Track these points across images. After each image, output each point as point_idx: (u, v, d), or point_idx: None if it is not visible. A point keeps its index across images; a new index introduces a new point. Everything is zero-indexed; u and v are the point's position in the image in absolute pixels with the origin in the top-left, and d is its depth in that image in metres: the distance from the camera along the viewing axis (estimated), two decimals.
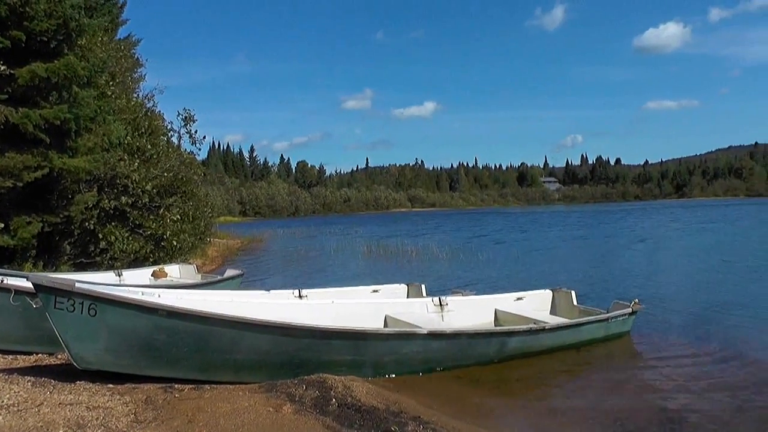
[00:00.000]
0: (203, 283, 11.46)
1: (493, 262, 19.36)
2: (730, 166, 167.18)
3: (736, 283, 13.04)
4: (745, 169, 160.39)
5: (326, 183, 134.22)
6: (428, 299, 8.06)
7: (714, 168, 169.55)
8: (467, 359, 6.63)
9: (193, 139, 19.36)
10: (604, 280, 14.04)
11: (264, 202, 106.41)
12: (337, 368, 5.77)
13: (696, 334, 8.43)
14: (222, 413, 4.62)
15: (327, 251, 25.72)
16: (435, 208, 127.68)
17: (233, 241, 29.64)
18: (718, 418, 5.20)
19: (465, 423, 4.78)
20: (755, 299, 11.04)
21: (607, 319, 7.92)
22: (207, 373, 5.61)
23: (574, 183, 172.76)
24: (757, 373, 6.55)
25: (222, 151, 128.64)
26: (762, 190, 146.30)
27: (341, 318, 6.78)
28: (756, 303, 10.67)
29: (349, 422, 4.46)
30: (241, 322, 5.55)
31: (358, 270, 18.37)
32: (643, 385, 6.24)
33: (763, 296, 11.36)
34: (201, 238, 18.08)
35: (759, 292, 11.92)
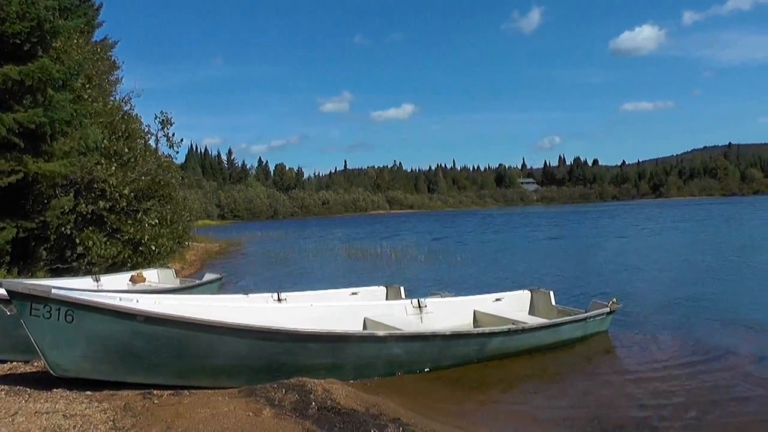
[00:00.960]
0: (182, 288, 11.41)
1: (471, 262, 19.49)
2: (706, 166, 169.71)
3: (711, 282, 13.24)
4: (719, 169, 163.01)
5: (304, 185, 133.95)
6: (407, 301, 8.09)
7: (690, 168, 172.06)
8: (446, 360, 6.66)
9: (171, 142, 19.16)
10: (583, 280, 14.17)
11: (242, 205, 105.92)
12: (317, 371, 5.77)
13: (673, 332, 8.53)
14: (201, 419, 4.61)
15: (306, 254, 25.69)
16: (413, 210, 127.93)
17: (212, 245, 29.47)
18: (695, 416, 5.28)
19: (444, 424, 4.81)
20: (730, 297, 11.27)
21: (586, 319, 8.00)
22: (186, 379, 5.57)
23: (552, 184, 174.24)
24: (732, 369, 6.66)
25: (200, 155, 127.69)
26: (736, 190, 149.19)
27: (320, 321, 6.78)
28: (731, 300, 10.90)
29: (329, 425, 4.47)
30: (220, 326, 5.52)
31: (337, 272, 18.40)
32: (622, 383, 6.30)
33: (737, 293, 11.62)
34: (179, 242, 17.94)
35: (734, 289, 12.17)
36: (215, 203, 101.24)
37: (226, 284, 13.70)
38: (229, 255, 26.94)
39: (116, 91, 21.03)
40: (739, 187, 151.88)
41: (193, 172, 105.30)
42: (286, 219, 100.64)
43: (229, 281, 15.00)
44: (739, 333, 8.34)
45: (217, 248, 29.04)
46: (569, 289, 12.28)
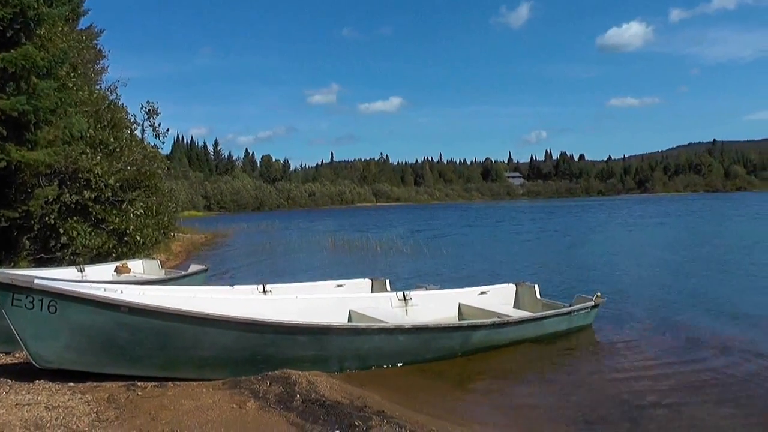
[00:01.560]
0: (167, 279, 11.36)
1: (457, 255, 19.57)
2: (690, 162, 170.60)
3: (694, 276, 13.42)
4: (704, 166, 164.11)
5: (291, 177, 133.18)
6: (392, 294, 8.11)
7: (675, 164, 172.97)
8: (431, 353, 6.68)
9: (157, 132, 19.09)
10: (568, 274, 14.26)
11: (229, 197, 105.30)
12: (302, 364, 5.76)
13: (656, 325, 8.64)
14: (185, 410, 4.59)
15: (292, 246, 25.66)
16: (400, 203, 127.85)
17: (197, 236, 29.35)
18: (678, 407, 5.35)
19: (429, 417, 4.81)
20: (712, 291, 11.41)
21: (570, 313, 8.06)
22: (170, 370, 5.56)
23: (538, 178, 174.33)
24: (715, 363, 6.76)
25: (186, 145, 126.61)
26: (719, 186, 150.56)
27: (305, 313, 6.78)
28: (713, 294, 11.04)
29: (314, 418, 4.47)
30: (204, 318, 5.50)
31: (323, 264, 18.40)
32: (605, 376, 6.36)
33: (719, 288, 11.73)
34: (165, 233, 17.86)
35: (716, 284, 12.30)
36: (201, 194, 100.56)
37: (211, 276, 13.64)
38: (215, 246, 26.85)
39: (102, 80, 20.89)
40: (722, 184, 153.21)
41: (179, 162, 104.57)
42: (273, 211, 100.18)
43: (214, 273, 14.95)
44: (721, 327, 8.47)
45: (202, 239, 28.92)
46: (554, 282, 12.36)
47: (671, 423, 5.03)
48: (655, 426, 4.97)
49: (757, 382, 6.07)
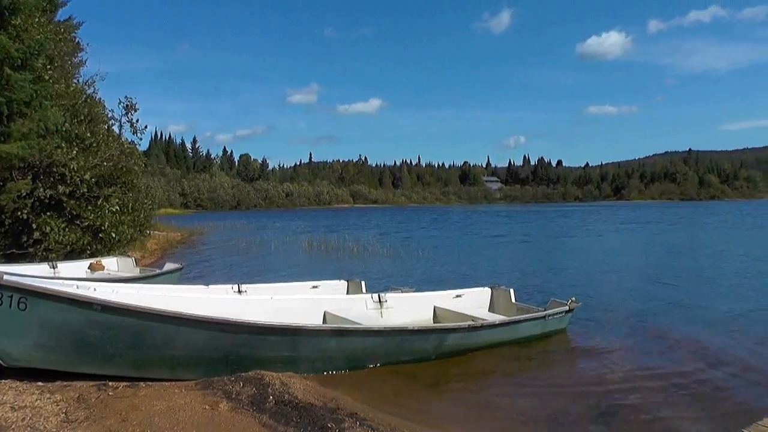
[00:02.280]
0: (141, 277, 11.27)
1: (433, 258, 19.63)
2: (666, 170, 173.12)
3: (665, 280, 13.67)
4: (679, 174, 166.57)
5: (269, 177, 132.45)
6: (367, 296, 8.11)
7: (651, 172, 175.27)
8: (405, 355, 6.70)
9: (135, 128, 18.83)
10: (543, 278, 14.39)
11: (206, 195, 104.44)
12: (275, 364, 5.75)
13: (629, 330, 8.76)
14: (157, 411, 4.55)
15: (268, 245, 25.51)
16: (377, 205, 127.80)
17: (174, 234, 29.02)
18: (649, 410, 5.44)
19: (402, 419, 4.84)
20: (682, 295, 11.64)
21: (545, 317, 8.12)
22: (142, 370, 5.51)
23: (515, 183, 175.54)
24: (685, 364, 6.92)
25: (164, 142, 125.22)
26: (694, 194, 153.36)
27: (280, 314, 6.76)
28: (683, 299, 11.28)
29: (286, 419, 4.46)
30: (178, 317, 5.46)
31: (299, 265, 18.33)
32: (578, 379, 6.44)
33: (691, 293, 11.94)
34: (141, 231, 17.65)
35: (686, 288, 12.55)
36: (178, 192, 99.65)
37: (186, 274, 13.53)
38: (191, 245, 26.60)
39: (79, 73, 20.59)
40: (697, 192, 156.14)
41: (156, 159, 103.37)
42: (250, 210, 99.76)
43: (189, 271, 14.82)
44: (691, 331, 8.61)
45: (179, 237, 28.62)
46: (530, 287, 12.45)
47: (642, 425, 5.12)
48: (626, 428, 5.05)
49: (726, 384, 6.22)
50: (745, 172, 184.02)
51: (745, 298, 11.39)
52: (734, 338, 8.24)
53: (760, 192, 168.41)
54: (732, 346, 7.80)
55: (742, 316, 9.67)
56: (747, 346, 7.77)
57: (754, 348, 7.69)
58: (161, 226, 29.18)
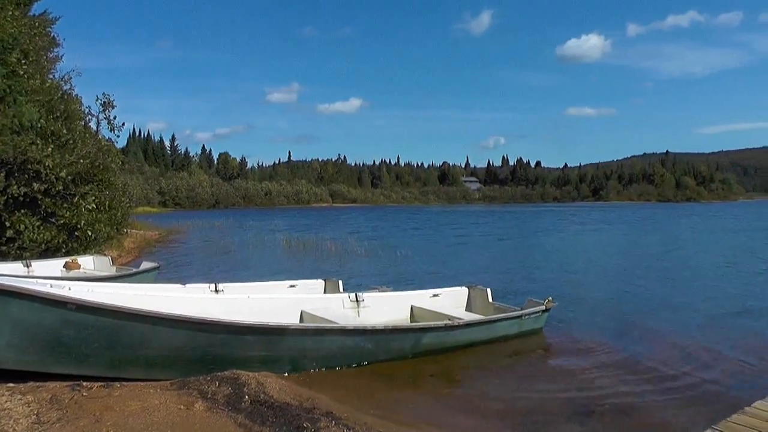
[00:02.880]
0: (118, 276, 11.18)
1: (411, 258, 19.70)
2: (644, 172, 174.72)
3: (641, 280, 13.92)
4: (657, 176, 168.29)
5: (248, 175, 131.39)
6: (344, 295, 8.14)
7: (629, 173, 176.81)
8: (382, 355, 6.73)
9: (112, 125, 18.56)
10: (521, 278, 14.55)
11: (184, 193, 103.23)
12: (251, 364, 5.74)
13: (605, 329, 8.90)
14: (131, 412, 4.52)
15: (246, 244, 25.42)
16: (356, 204, 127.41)
17: (151, 233, 28.74)
18: (625, 408, 5.53)
19: (377, 418, 4.85)
20: (657, 295, 11.88)
21: (521, 316, 8.20)
22: (118, 370, 5.46)
23: (494, 183, 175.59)
24: (660, 363, 7.03)
25: (142, 139, 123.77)
26: (671, 196, 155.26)
27: (257, 313, 6.75)
28: (658, 298, 11.52)
29: (262, 419, 4.46)
30: (154, 316, 5.43)
31: (277, 264, 18.30)
32: (554, 379, 6.52)
33: (664, 292, 12.19)
34: (118, 229, 17.42)
35: (661, 289, 12.77)
36: (156, 190, 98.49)
37: (163, 273, 13.42)
38: (169, 243, 26.36)
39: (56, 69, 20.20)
40: (673, 194, 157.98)
41: (134, 157, 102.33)
42: (228, 209, 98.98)
43: (167, 270, 14.69)
44: (666, 330, 8.80)
45: (156, 236, 28.35)
46: (507, 286, 12.58)
47: (617, 422, 5.19)
48: (601, 426, 5.12)
49: (701, 380, 6.37)
50: (721, 174, 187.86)
51: (715, 295, 11.73)
52: (706, 334, 8.48)
53: (734, 194, 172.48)
54: (704, 342, 8.02)
55: (714, 313, 9.99)
56: (719, 342, 8.00)
57: (725, 343, 7.91)
58: (139, 225, 28.94)
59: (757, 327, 9.04)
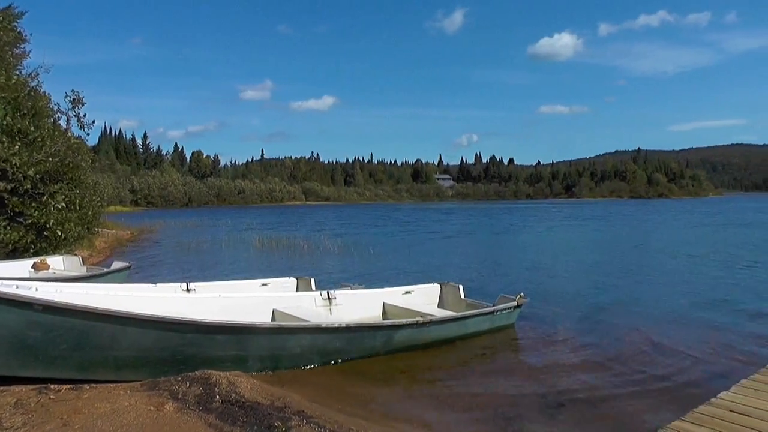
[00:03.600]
0: (88, 276, 11.04)
1: (384, 255, 19.78)
2: (616, 169, 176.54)
3: (610, 276, 14.13)
4: (628, 173, 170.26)
5: (221, 174, 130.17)
6: (317, 293, 8.15)
7: (601, 170, 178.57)
8: (354, 352, 6.75)
9: (82, 123, 18.25)
10: (493, 274, 14.68)
11: (156, 192, 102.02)
12: (223, 363, 5.72)
13: (575, 324, 9.02)
14: (100, 414, 4.47)
15: (219, 243, 25.26)
16: (329, 202, 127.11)
17: (123, 232, 28.38)
18: (594, 402, 5.63)
19: (349, 416, 4.88)
20: (627, 290, 12.08)
21: (493, 312, 8.29)
22: (86, 372, 5.39)
23: (467, 181, 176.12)
24: (630, 357, 7.17)
25: (114, 137, 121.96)
26: (642, 193, 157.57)
27: (228, 312, 6.73)
28: (627, 293, 11.72)
29: (233, 419, 4.45)
30: (124, 316, 5.38)
31: (249, 263, 18.24)
32: (525, 374, 6.59)
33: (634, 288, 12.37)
34: (89, 228, 17.16)
35: (631, 284, 12.96)
36: (129, 189, 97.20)
37: (135, 273, 13.29)
38: (141, 243, 26.07)
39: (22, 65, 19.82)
40: (645, 190, 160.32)
41: (106, 155, 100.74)
42: (201, 207, 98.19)
43: (138, 270, 14.57)
44: (635, 324, 8.94)
45: (128, 235, 28.01)
46: (479, 282, 12.70)
47: (587, 415, 5.29)
48: (572, 420, 5.20)
49: (669, 373, 6.50)
50: (691, 171, 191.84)
51: (684, 290, 11.99)
52: (674, 328, 8.67)
53: (704, 190, 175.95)
54: (672, 335, 8.19)
55: (681, 307, 10.20)
56: (686, 335, 8.19)
57: (693, 337, 8.11)
58: (111, 224, 28.59)
59: (723, 320, 9.24)
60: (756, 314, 9.65)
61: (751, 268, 15.40)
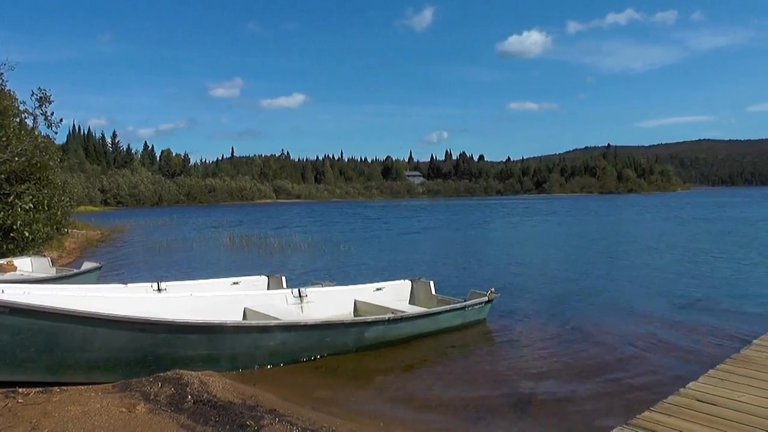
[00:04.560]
0: (57, 277, 10.91)
1: (355, 252, 19.83)
2: (586, 165, 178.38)
3: (582, 272, 14.30)
4: (598, 168, 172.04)
5: (191, 172, 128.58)
6: (288, 291, 8.18)
7: (572, 166, 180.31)
8: (326, 350, 6.79)
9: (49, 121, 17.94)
10: (464, 270, 14.80)
11: (127, 191, 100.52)
12: (195, 363, 5.73)
13: (546, 319, 9.14)
14: (71, 417, 4.46)
15: (189, 243, 25.07)
16: (300, 200, 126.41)
17: (93, 232, 27.98)
18: (566, 395, 5.72)
19: (321, 413, 4.91)
20: (596, 285, 12.28)
21: (464, 308, 8.37)
22: (56, 375, 5.36)
23: (438, 177, 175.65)
24: (600, 352, 7.28)
25: (83, 136, 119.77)
26: (613, 188, 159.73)
27: (199, 311, 6.73)
28: (596, 288, 11.90)
29: (205, 419, 4.47)
30: (94, 317, 5.35)
31: (220, 262, 18.15)
32: (497, 369, 6.65)
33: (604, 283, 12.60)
34: (58, 229, 16.91)
35: (599, 278, 13.21)
36: (98, 188, 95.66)
37: (106, 274, 13.14)
38: (112, 243, 25.73)
39: None
40: (615, 186, 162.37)
41: (74, 154, 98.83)
42: (171, 206, 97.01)
43: (109, 270, 14.39)
44: (605, 319, 9.10)
45: (98, 236, 27.62)
46: (450, 278, 12.80)
47: (557, 412, 5.35)
48: (543, 414, 5.28)
49: (639, 366, 6.63)
50: (660, 166, 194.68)
51: (653, 283, 12.22)
52: (644, 321, 8.82)
53: (672, 185, 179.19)
54: (642, 328, 8.36)
55: (651, 301, 10.40)
56: (656, 328, 8.36)
57: (662, 330, 8.29)
58: (81, 224, 28.20)
59: (689, 312, 9.46)
60: (719, 306, 9.88)
61: (713, 261, 15.78)
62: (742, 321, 8.61)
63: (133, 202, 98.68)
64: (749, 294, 10.88)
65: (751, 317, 8.87)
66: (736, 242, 20.99)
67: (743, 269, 14.10)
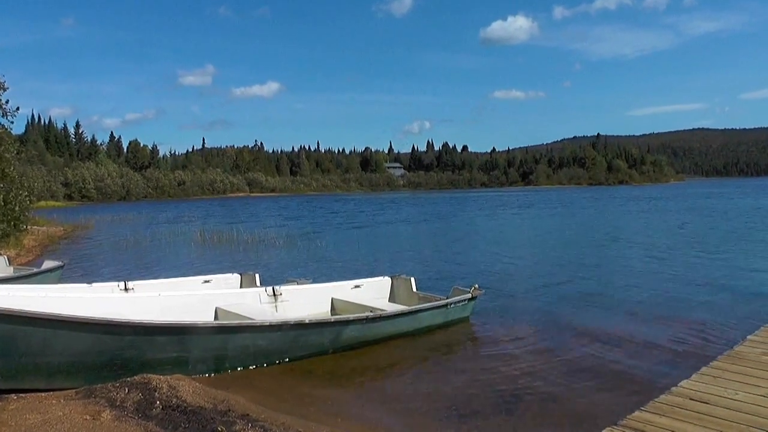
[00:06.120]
0: (16, 277, 10.57)
1: (333, 248, 19.66)
2: (575, 155, 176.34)
3: (568, 269, 14.10)
4: (587, 159, 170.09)
5: (159, 164, 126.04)
6: (261, 289, 7.97)
7: (559, 157, 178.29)
8: (301, 351, 6.59)
9: (4, 110, 17.32)
10: (446, 266, 14.68)
11: (92, 185, 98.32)
12: (164, 367, 5.53)
13: (532, 316, 8.96)
14: (30, 426, 4.26)
15: (158, 239, 24.60)
16: (275, 194, 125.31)
17: (55, 229, 27.36)
18: (551, 395, 5.60)
19: (295, 417, 4.73)
20: (582, 281, 12.15)
21: (447, 306, 8.17)
22: (14, 381, 5.09)
23: (419, 169, 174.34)
24: (585, 348, 7.17)
25: (43, 126, 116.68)
26: (602, 179, 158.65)
27: (169, 312, 6.52)
28: (582, 284, 11.78)
29: (174, 425, 4.29)
30: (55, 319, 5.11)
31: (191, 259, 17.81)
32: (481, 369, 6.50)
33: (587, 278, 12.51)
34: (15, 225, 16.37)
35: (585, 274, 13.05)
36: (61, 182, 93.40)
37: (69, 273, 12.74)
38: (75, 240, 25.15)
39: None
40: (605, 177, 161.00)
41: (34, 145, 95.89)
42: (140, 201, 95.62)
43: (72, 269, 13.99)
44: (591, 316, 8.99)
45: (61, 232, 26.98)
46: (432, 275, 12.62)
47: (545, 410, 5.25)
48: (529, 414, 5.18)
49: (629, 364, 6.53)
50: (652, 156, 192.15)
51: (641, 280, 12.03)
52: (633, 319, 8.69)
53: (665, 176, 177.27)
54: (631, 326, 8.22)
55: (639, 298, 10.25)
56: (645, 326, 8.22)
57: (651, 327, 8.14)
58: (41, 220, 27.62)
59: (681, 310, 9.28)
60: (710, 302, 9.76)
61: (706, 257, 15.62)
62: (734, 317, 8.52)
63: (99, 197, 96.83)
64: (741, 290, 10.75)
65: (744, 313, 8.75)
66: (730, 238, 20.50)
67: (735, 264, 13.91)
